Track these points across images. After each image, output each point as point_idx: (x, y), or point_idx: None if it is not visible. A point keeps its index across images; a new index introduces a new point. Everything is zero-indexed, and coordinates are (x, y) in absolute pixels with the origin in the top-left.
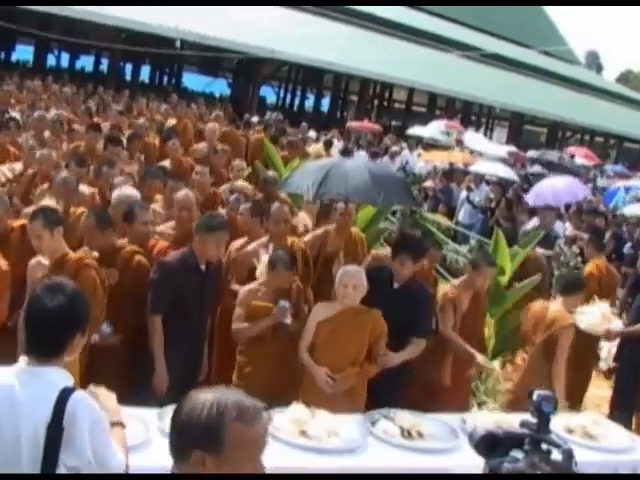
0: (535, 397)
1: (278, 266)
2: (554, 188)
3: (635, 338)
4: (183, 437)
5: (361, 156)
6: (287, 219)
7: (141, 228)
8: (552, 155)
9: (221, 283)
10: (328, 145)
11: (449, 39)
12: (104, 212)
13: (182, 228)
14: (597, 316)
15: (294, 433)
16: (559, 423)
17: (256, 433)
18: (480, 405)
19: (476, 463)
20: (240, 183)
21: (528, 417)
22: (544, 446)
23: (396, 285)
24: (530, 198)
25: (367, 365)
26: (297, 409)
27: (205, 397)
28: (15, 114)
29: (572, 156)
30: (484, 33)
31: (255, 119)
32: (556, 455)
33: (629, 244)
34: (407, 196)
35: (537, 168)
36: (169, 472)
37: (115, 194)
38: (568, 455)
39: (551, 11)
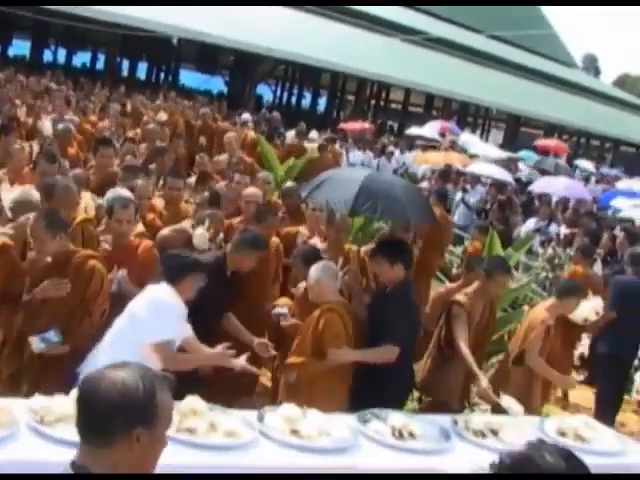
0: None
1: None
2: (566, 183)
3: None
4: (120, 417)
5: (358, 157)
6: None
7: (115, 225)
8: (548, 164)
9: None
10: (324, 149)
11: (446, 40)
12: (55, 214)
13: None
14: (586, 308)
15: (286, 432)
16: (551, 426)
17: (172, 402)
18: (473, 406)
19: (466, 464)
20: (251, 190)
21: None
22: None
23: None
24: (539, 187)
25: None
26: (289, 408)
27: (123, 375)
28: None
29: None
30: (483, 35)
31: (246, 116)
32: None
33: None
34: (430, 215)
35: (531, 171)
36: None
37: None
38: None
39: (550, 14)
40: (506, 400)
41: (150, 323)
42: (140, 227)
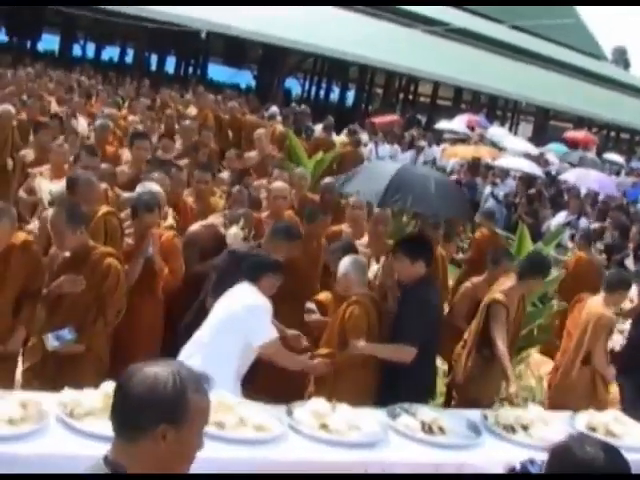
0: (519, 467)
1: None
2: (597, 176)
3: None
4: (146, 412)
5: (387, 150)
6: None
7: (138, 226)
8: (573, 157)
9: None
10: (357, 143)
11: (475, 33)
12: (76, 208)
13: (276, 216)
14: None
15: (315, 426)
16: (581, 421)
17: (208, 404)
18: (502, 401)
19: (496, 459)
20: (278, 184)
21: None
22: None
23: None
24: (571, 178)
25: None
26: (318, 402)
27: (157, 370)
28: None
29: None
30: (512, 28)
31: (274, 109)
32: None
33: None
34: (465, 209)
35: (561, 165)
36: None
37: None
38: None
39: (579, 7)
40: (532, 409)
41: (254, 326)
42: (170, 221)
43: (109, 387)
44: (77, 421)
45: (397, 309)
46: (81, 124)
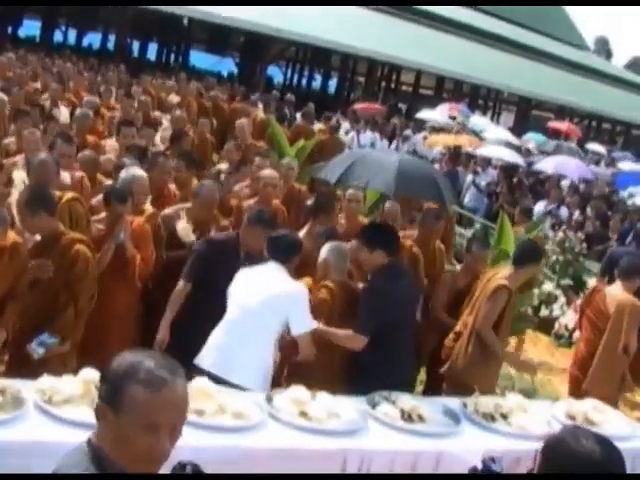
0: (481, 466)
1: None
2: (575, 164)
3: None
4: (99, 391)
5: (368, 138)
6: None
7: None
8: (550, 145)
9: None
10: (334, 130)
11: (457, 22)
12: (38, 190)
13: (265, 203)
14: None
15: (294, 414)
16: (560, 409)
17: (156, 403)
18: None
19: (475, 447)
20: (268, 172)
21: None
22: None
23: None
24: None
25: None
26: (297, 390)
27: (128, 357)
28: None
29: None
30: (494, 17)
31: (254, 97)
32: None
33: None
34: (455, 197)
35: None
36: None
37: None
38: None
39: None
40: (511, 397)
41: (297, 314)
42: (149, 208)
43: (88, 374)
44: (56, 408)
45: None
46: (63, 113)
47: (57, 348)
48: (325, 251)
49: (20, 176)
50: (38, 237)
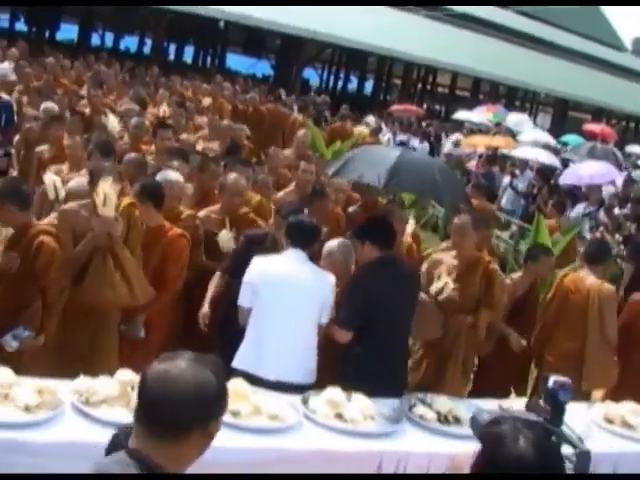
0: (551, 384)
1: None
2: (591, 170)
3: None
4: (197, 412)
5: (402, 139)
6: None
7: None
8: (584, 148)
9: None
10: (376, 132)
11: (493, 23)
12: (9, 184)
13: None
14: None
15: (330, 416)
16: (598, 412)
17: None
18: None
19: None
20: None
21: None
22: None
23: None
24: (565, 178)
25: None
26: (333, 391)
27: (191, 368)
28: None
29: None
30: (530, 18)
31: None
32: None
33: None
34: (462, 195)
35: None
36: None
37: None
38: (586, 457)
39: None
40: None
41: (329, 302)
42: (186, 210)
43: (125, 375)
44: (93, 409)
45: None
46: (111, 121)
47: (31, 342)
48: (331, 246)
49: (50, 180)
50: (10, 229)
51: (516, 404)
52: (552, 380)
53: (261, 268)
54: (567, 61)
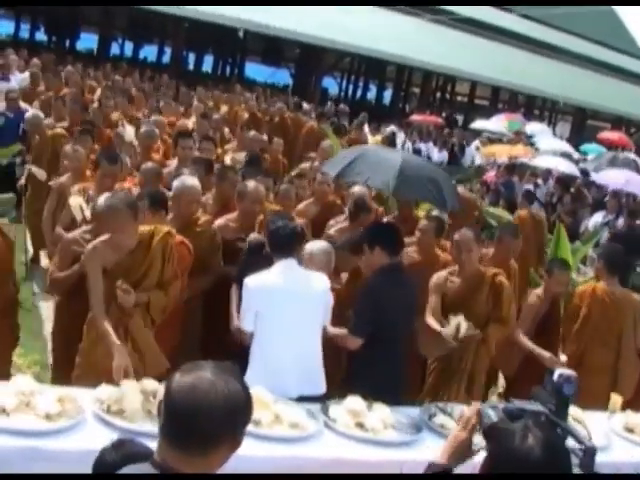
0: (556, 377)
1: None
2: (628, 176)
3: None
4: (229, 425)
5: (423, 149)
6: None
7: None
8: (605, 158)
9: None
10: (390, 141)
11: (512, 32)
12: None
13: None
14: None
15: (350, 425)
16: (619, 422)
17: None
18: None
19: None
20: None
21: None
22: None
23: None
24: (599, 178)
25: None
26: (353, 400)
27: (219, 378)
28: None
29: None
30: (549, 27)
31: (307, 107)
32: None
33: None
34: (457, 201)
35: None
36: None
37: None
38: (591, 453)
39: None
40: None
41: (329, 307)
42: (203, 216)
43: (147, 385)
44: (114, 417)
45: None
46: (128, 131)
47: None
48: (312, 248)
49: (75, 202)
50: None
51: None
52: (557, 374)
53: (258, 290)
54: (586, 69)
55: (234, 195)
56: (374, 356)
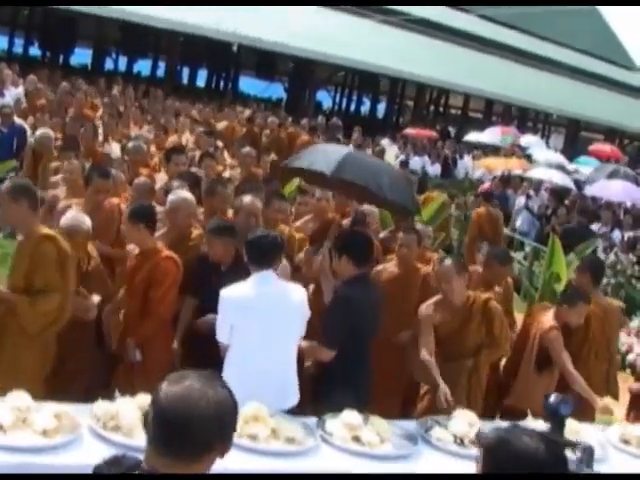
0: (552, 399)
1: None
2: (623, 186)
3: None
4: (220, 432)
5: (418, 162)
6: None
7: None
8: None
9: None
10: (379, 155)
11: (505, 45)
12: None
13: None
14: None
15: (347, 438)
16: (615, 434)
17: None
18: None
19: None
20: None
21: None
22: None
23: None
24: (594, 191)
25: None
26: (350, 414)
27: (206, 387)
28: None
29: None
30: (540, 39)
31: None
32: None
33: None
34: (413, 202)
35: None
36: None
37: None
38: (589, 452)
39: (609, 16)
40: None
41: (306, 319)
42: (196, 231)
43: (144, 400)
44: (111, 433)
45: None
46: (114, 148)
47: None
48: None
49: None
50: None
51: (536, 425)
52: (553, 396)
53: (232, 303)
54: (579, 81)
55: (225, 209)
56: (349, 366)
